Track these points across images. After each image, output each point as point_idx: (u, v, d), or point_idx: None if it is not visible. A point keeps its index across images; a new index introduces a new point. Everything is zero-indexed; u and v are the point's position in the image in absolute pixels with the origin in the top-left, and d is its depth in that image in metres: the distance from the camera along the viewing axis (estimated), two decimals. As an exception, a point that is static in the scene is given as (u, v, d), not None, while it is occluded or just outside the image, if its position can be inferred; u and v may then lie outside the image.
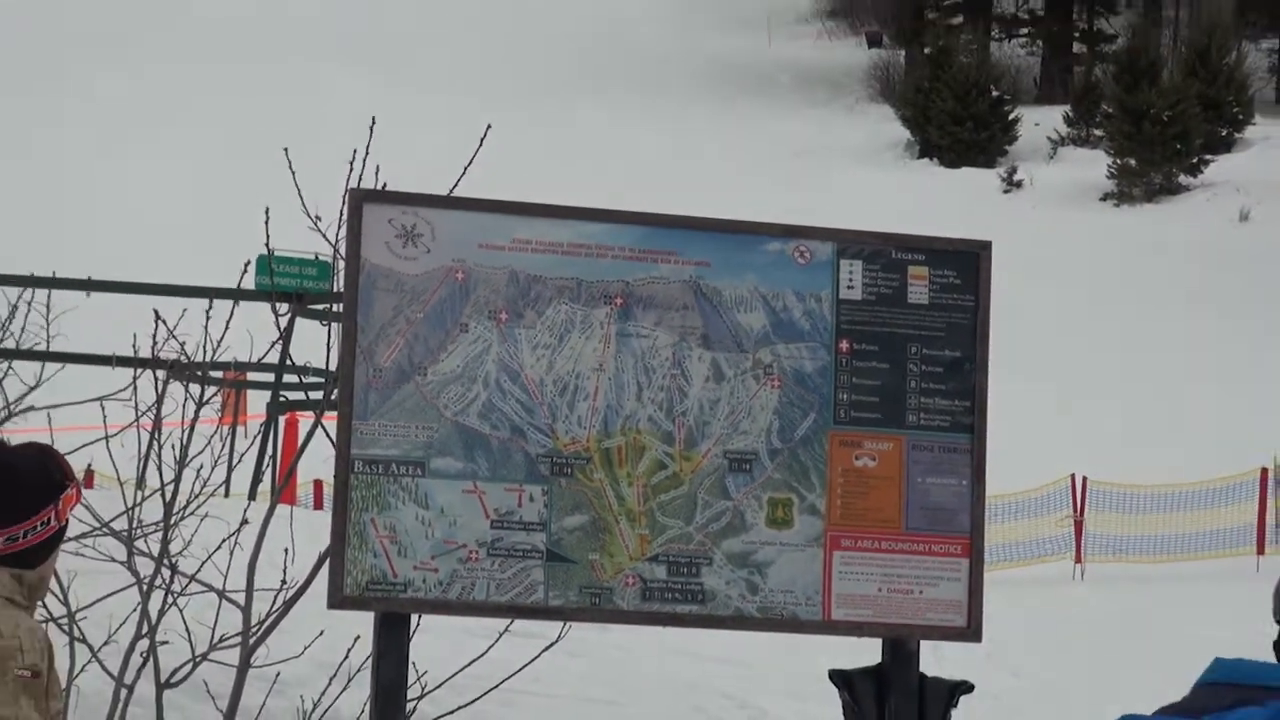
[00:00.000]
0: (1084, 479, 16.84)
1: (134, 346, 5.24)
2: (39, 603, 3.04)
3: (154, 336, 4.73)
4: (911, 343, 3.79)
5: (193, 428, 4.63)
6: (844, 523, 3.72)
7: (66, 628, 4.26)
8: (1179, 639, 9.36)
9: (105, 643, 4.48)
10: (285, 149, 4.72)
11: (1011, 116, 42.08)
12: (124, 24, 45.83)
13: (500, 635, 4.63)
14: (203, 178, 29.01)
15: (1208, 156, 36.85)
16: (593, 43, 49.06)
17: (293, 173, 4.21)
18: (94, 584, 4.85)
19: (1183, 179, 36.65)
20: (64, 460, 2.94)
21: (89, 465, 3.61)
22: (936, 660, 4.23)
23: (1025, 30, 52.11)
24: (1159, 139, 35.29)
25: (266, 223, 4.37)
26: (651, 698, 5.30)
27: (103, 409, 4.90)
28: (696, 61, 49.09)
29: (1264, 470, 17.10)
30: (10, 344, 6.83)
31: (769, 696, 5.43)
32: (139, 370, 4.77)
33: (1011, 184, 38.60)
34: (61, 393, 5.85)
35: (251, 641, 4.58)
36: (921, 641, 3.76)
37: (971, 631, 3.74)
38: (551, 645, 4.76)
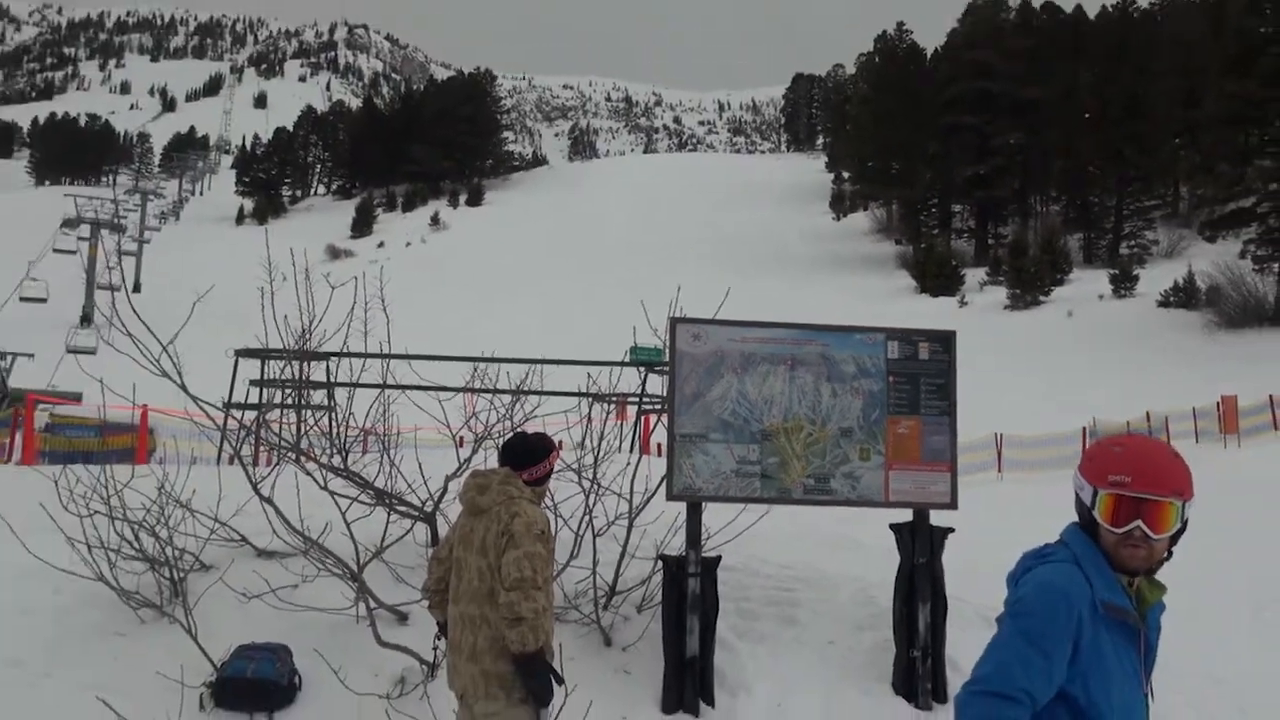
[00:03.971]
0: (1001, 434, 27.95)
1: (585, 388, 8.85)
2: (540, 503, 4.95)
3: (591, 383, 8.53)
4: (921, 376, 6.97)
5: (604, 421, 8.18)
6: (894, 458, 6.79)
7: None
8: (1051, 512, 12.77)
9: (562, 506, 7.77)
10: (641, 301, 8.52)
11: (962, 272, 78.23)
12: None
13: (739, 513, 7.31)
14: (601, 312, 36.34)
15: (1051, 288, 66.72)
16: (759, 243, 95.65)
17: (645, 311, 8.02)
18: (563, 490, 7.00)
19: (1040, 299, 65.63)
20: (551, 439, 5.10)
21: (559, 441, 5.86)
22: (935, 519, 7.16)
23: (966, 233, 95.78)
24: (1029, 280, 66.50)
25: (635, 332, 8.21)
26: (813, 537, 8.44)
27: (566, 417, 8.56)
28: (816, 251, 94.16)
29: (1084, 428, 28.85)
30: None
31: (863, 536, 8.42)
32: (585, 399, 8.47)
33: (962, 303, 70.02)
34: (548, 406, 8.69)
35: (635, 516, 7.27)
36: (930, 510, 6.93)
37: (953, 504, 6.79)
38: (763, 515, 7.40)
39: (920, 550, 6.83)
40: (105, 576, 7.05)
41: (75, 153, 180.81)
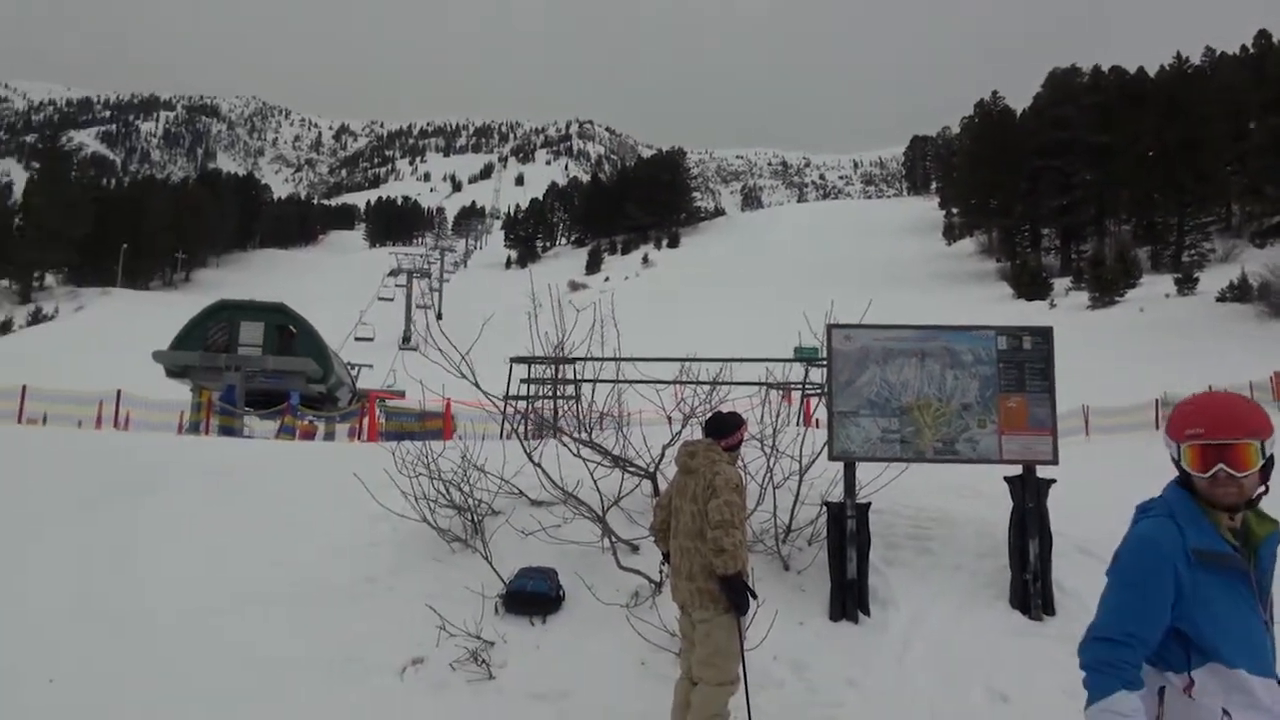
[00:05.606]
0: (1087, 406, 26.00)
1: (764, 379, 8.82)
2: (734, 463, 4.89)
3: (768, 374, 8.51)
4: (1026, 362, 6.64)
5: (778, 403, 8.24)
6: (1005, 426, 6.46)
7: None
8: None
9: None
10: (805, 313, 8.42)
11: (1050, 281, 71.54)
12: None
13: (883, 470, 7.07)
14: (770, 321, 36.60)
15: (1125, 290, 59.85)
16: (889, 265, 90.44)
17: (806, 320, 7.92)
18: (750, 454, 6.73)
19: (1115, 299, 58.87)
20: (741, 416, 5.05)
21: (746, 418, 5.79)
22: (1040, 473, 6.81)
23: (1053, 250, 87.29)
24: (1106, 285, 60.11)
25: (799, 335, 8.13)
26: (942, 488, 8.13)
27: (750, 400, 8.59)
28: (933, 270, 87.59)
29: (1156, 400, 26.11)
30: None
31: (985, 486, 7.99)
32: (764, 387, 8.48)
33: (1051, 305, 63.62)
34: (736, 391, 8.89)
35: (804, 473, 7.06)
36: (1036, 465, 6.59)
37: (1054, 461, 6.41)
38: (902, 471, 7.14)
39: (1029, 496, 6.51)
40: (427, 519, 7.37)
41: (395, 224, 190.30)
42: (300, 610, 6.56)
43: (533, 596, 6.37)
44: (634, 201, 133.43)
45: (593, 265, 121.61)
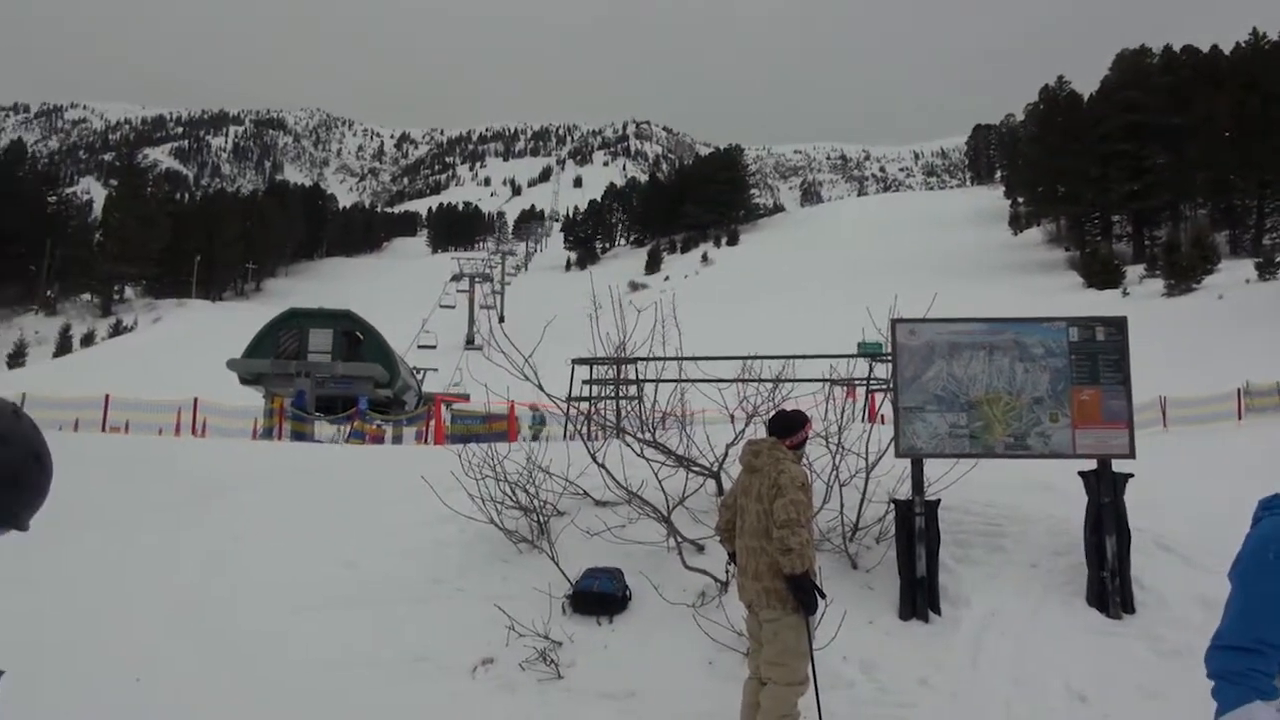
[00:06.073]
0: (1165, 397, 23.99)
1: (827, 375, 8.76)
2: (799, 461, 4.90)
3: (831, 371, 8.43)
4: (1099, 354, 6.45)
5: (843, 399, 8.12)
6: (1079, 419, 6.29)
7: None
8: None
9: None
10: (868, 308, 8.29)
11: (1123, 269, 69.68)
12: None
13: (952, 466, 6.86)
14: (832, 316, 36.34)
15: (1202, 277, 57.42)
16: (953, 257, 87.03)
17: (870, 314, 7.80)
18: (815, 451, 6.71)
19: (1193, 286, 56.45)
20: (805, 414, 5.01)
21: (809, 416, 5.67)
22: (1116, 467, 6.55)
23: (1125, 237, 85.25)
24: (1183, 272, 57.82)
25: (863, 330, 7.96)
26: (1012, 483, 7.92)
27: (814, 397, 8.51)
28: (999, 260, 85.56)
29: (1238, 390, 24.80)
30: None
31: (1058, 481, 7.74)
32: (824, 384, 8.41)
33: (1124, 294, 61.45)
34: (799, 389, 8.51)
35: (870, 470, 6.91)
36: (1112, 459, 6.40)
37: (1131, 455, 6.23)
38: (972, 468, 6.95)
39: (1104, 491, 6.33)
40: (494, 520, 7.44)
41: (456, 229, 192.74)
42: (372, 611, 6.68)
43: (599, 597, 6.40)
44: (692, 200, 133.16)
45: (652, 265, 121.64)
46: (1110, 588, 6.11)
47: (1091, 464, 6.42)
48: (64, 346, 70.53)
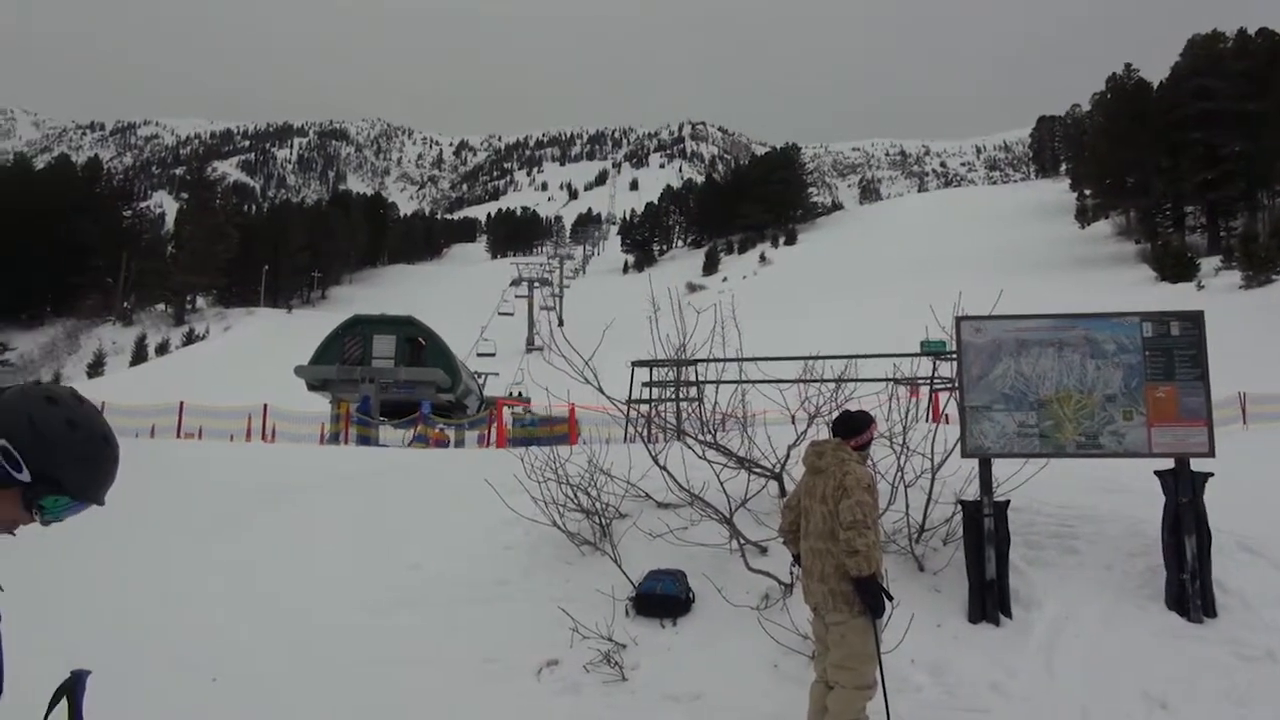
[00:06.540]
0: (1244, 392, 23.59)
1: (892, 376, 8.64)
2: (864, 462, 4.83)
3: (895, 370, 8.31)
4: (1174, 349, 6.24)
5: (908, 399, 7.97)
6: (1154, 417, 6.08)
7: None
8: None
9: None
10: (931, 306, 8.14)
11: (1197, 261, 65.77)
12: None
13: (1021, 466, 6.71)
14: (892, 315, 37.00)
15: None
16: (1019, 252, 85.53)
17: (933, 312, 7.66)
18: (879, 452, 6.47)
19: (1272, 277, 54.12)
20: (870, 414, 5.01)
21: (874, 416, 5.57)
22: (1195, 465, 6.30)
23: (1199, 229, 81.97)
24: (1261, 263, 55.36)
25: (926, 329, 7.86)
26: (1084, 484, 7.71)
27: (877, 397, 8.41)
28: (1067, 255, 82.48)
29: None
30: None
31: (1127, 479, 7.51)
32: (887, 384, 8.30)
33: (1199, 287, 58.06)
34: (861, 389, 8.31)
35: (936, 471, 6.78)
36: (1190, 458, 6.14)
37: (1210, 453, 6.01)
38: (1041, 468, 6.73)
39: (1183, 491, 6.10)
40: (557, 522, 7.50)
41: (515, 234, 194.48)
42: (440, 611, 6.78)
43: (663, 599, 6.41)
44: (749, 200, 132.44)
45: (709, 266, 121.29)
46: (1190, 590, 5.91)
47: (1168, 463, 6.22)
48: (140, 355, 72.81)
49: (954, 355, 7.12)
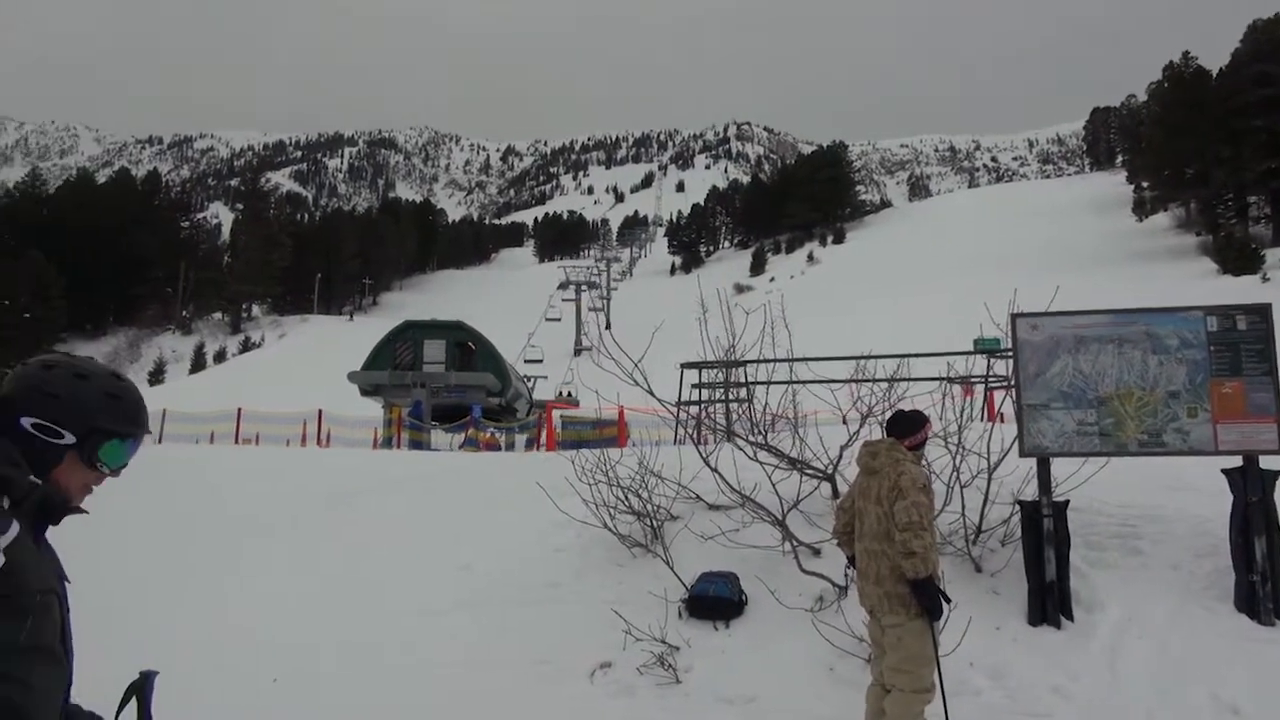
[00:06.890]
0: None
1: (945, 375, 8.49)
2: (919, 463, 4.72)
3: (949, 369, 8.16)
4: (1241, 344, 6.07)
5: (962, 398, 7.84)
6: (1220, 413, 5.93)
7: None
8: None
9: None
10: (986, 303, 8.00)
11: (1261, 253, 63.65)
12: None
13: (1080, 465, 6.69)
14: (945, 312, 36.81)
15: None
16: (1074, 247, 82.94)
17: (988, 309, 7.52)
18: (934, 452, 6.40)
19: None
20: (924, 414, 4.89)
21: (928, 416, 5.43)
22: (1264, 463, 6.22)
23: (1263, 219, 76.95)
24: None
25: (980, 326, 7.75)
26: (1147, 482, 7.51)
27: (930, 396, 8.28)
28: (1124, 248, 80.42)
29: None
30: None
31: (1192, 478, 7.31)
32: (941, 383, 8.18)
33: (1264, 279, 56.08)
34: (914, 388, 8.24)
35: (993, 470, 6.70)
36: (1259, 455, 5.98)
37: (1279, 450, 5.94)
38: (1102, 467, 6.75)
39: (1252, 490, 5.93)
40: (608, 525, 7.51)
41: (562, 238, 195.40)
42: (494, 613, 6.83)
43: (716, 601, 6.38)
44: (796, 200, 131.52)
45: (757, 266, 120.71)
46: (1261, 592, 5.73)
47: (1236, 461, 6.04)
48: (198, 363, 74.55)
49: (1009, 353, 6.99)
